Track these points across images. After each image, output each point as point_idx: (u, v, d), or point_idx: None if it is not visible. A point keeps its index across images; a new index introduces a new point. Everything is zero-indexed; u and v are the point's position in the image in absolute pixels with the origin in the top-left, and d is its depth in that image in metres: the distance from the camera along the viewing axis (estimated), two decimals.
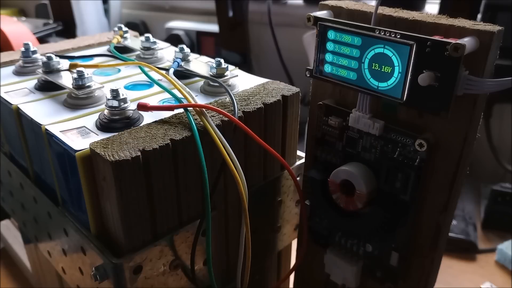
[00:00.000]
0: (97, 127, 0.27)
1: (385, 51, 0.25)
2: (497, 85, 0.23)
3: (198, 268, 0.29)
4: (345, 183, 0.29)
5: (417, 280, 0.30)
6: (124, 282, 0.26)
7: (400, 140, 0.27)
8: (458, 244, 0.56)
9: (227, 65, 0.33)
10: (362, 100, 0.28)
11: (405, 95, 0.25)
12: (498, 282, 0.51)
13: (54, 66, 0.33)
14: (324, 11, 0.28)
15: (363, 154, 0.30)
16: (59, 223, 0.30)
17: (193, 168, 0.27)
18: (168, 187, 0.26)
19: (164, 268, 0.27)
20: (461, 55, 0.22)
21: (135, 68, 0.37)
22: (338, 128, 0.30)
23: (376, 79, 0.26)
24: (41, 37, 0.83)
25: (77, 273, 0.30)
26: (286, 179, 0.34)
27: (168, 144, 0.25)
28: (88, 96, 0.30)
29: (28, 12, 1.11)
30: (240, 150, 0.29)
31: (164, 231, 0.27)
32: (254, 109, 0.29)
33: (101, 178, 0.25)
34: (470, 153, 0.26)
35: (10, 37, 0.65)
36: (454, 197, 0.27)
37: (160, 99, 0.31)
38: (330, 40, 0.27)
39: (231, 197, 0.30)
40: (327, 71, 0.28)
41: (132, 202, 0.25)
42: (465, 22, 0.24)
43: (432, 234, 0.29)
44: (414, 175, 0.27)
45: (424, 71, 0.24)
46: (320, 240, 0.34)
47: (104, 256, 0.25)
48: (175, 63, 0.33)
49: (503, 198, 0.59)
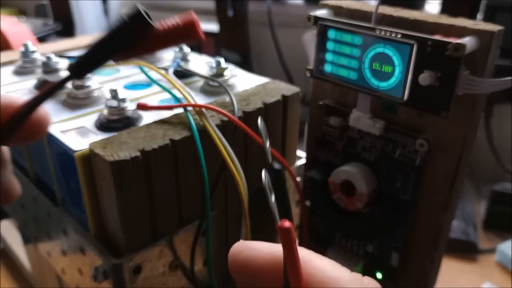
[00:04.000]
0: (96, 127, 0.27)
1: (386, 50, 0.25)
2: (497, 85, 0.23)
3: (198, 269, 0.29)
4: (345, 183, 0.29)
5: (417, 280, 0.30)
6: (124, 282, 0.25)
7: (400, 140, 0.27)
8: (458, 244, 0.56)
9: (227, 65, 0.33)
10: (363, 100, 0.28)
11: (405, 95, 0.25)
12: (498, 282, 0.51)
13: (53, 66, 0.33)
14: (324, 11, 0.28)
15: (363, 154, 0.30)
16: (58, 223, 0.30)
17: (193, 168, 0.27)
18: (168, 187, 0.26)
19: (164, 268, 0.27)
20: (462, 55, 0.22)
21: (134, 68, 0.37)
22: (338, 128, 0.30)
23: (376, 78, 0.26)
24: (41, 37, 0.83)
25: (77, 273, 0.30)
26: (286, 179, 0.34)
27: (168, 144, 0.25)
28: (88, 96, 0.30)
29: (28, 12, 1.11)
30: (240, 150, 0.29)
31: (164, 231, 0.27)
32: (254, 109, 0.29)
33: (100, 178, 0.25)
34: (470, 153, 0.26)
35: (10, 37, 0.65)
36: (454, 197, 0.27)
37: (160, 99, 0.31)
38: (331, 39, 0.27)
39: (231, 197, 0.30)
40: (327, 70, 0.28)
41: (132, 202, 0.25)
42: (465, 22, 0.24)
43: (432, 234, 0.29)
44: (414, 175, 0.27)
45: (424, 71, 0.24)
46: (320, 240, 0.34)
47: (104, 257, 0.25)
48: (174, 63, 0.33)
49: (503, 198, 0.59)
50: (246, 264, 0.16)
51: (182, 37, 0.19)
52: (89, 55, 0.18)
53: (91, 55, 0.18)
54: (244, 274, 0.16)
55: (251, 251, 0.16)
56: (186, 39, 0.19)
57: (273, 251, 0.16)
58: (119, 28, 0.17)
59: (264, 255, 0.16)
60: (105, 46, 0.17)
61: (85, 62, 0.18)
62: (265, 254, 0.16)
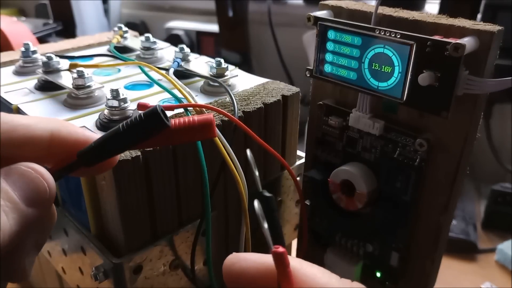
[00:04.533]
0: (97, 127, 0.27)
1: (385, 51, 0.25)
2: (497, 85, 0.23)
3: (198, 268, 0.29)
4: (345, 183, 0.29)
5: (417, 280, 0.30)
6: (124, 282, 0.25)
7: (400, 140, 0.27)
8: (458, 244, 0.56)
9: (227, 65, 0.33)
10: (362, 100, 0.28)
11: (405, 95, 0.25)
12: (498, 282, 0.51)
13: (54, 66, 0.33)
14: (324, 11, 0.28)
15: (363, 154, 0.30)
16: (59, 223, 0.30)
17: (193, 168, 0.27)
18: (168, 187, 0.26)
19: (164, 268, 0.27)
20: (461, 55, 0.22)
21: (135, 68, 0.37)
22: (338, 128, 0.30)
23: (376, 79, 0.26)
24: (41, 37, 0.83)
25: (77, 273, 0.30)
26: (286, 179, 0.34)
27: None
28: (88, 96, 0.30)
29: (28, 12, 1.11)
30: (240, 150, 0.29)
31: (164, 231, 0.27)
32: (254, 109, 0.29)
33: (100, 178, 0.25)
34: (470, 153, 0.26)
35: (10, 37, 0.65)
36: (454, 197, 0.27)
37: (160, 99, 0.31)
38: (330, 40, 0.27)
39: (231, 197, 0.30)
40: (327, 71, 0.28)
41: (132, 202, 0.25)
42: (465, 22, 0.24)
43: (432, 234, 0.29)
44: (414, 175, 0.27)
45: (424, 71, 0.24)
46: (320, 240, 0.34)
47: (104, 256, 0.25)
48: (175, 63, 0.33)
49: (503, 198, 0.59)
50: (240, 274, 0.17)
51: (196, 135, 0.19)
52: (101, 145, 0.18)
53: (103, 146, 0.18)
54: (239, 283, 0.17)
55: (243, 262, 0.17)
56: (200, 137, 0.19)
57: (265, 260, 0.16)
58: (135, 125, 0.17)
59: (257, 265, 0.16)
60: (118, 140, 0.18)
61: (96, 152, 0.18)
62: (257, 264, 0.16)
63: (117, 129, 0.17)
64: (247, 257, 0.17)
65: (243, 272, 0.17)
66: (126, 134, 0.17)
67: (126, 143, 0.18)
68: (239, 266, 0.17)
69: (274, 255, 0.15)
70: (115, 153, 0.18)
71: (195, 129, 0.18)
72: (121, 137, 0.18)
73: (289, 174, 0.33)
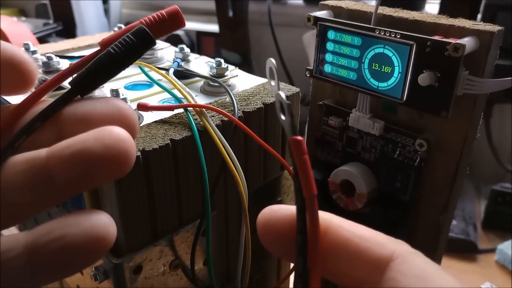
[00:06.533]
0: None
1: (385, 51, 0.25)
2: (497, 85, 0.23)
3: (198, 268, 0.29)
4: (345, 183, 0.29)
5: None
6: (124, 282, 0.26)
7: (400, 140, 0.27)
8: (458, 244, 0.56)
9: (227, 65, 0.33)
10: (362, 100, 0.28)
11: (405, 95, 0.25)
12: (498, 282, 0.51)
13: (54, 66, 0.33)
14: (324, 11, 0.28)
15: (363, 154, 0.30)
16: None
17: (193, 168, 0.27)
18: (168, 187, 0.26)
19: (164, 268, 0.27)
20: (461, 55, 0.22)
21: (135, 68, 0.37)
22: (338, 128, 0.30)
23: (376, 79, 0.26)
24: (41, 37, 0.83)
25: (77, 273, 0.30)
26: (286, 179, 0.34)
27: (168, 144, 0.25)
28: (88, 96, 0.30)
29: (28, 12, 1.11)
30: (240, 150, 0.29)
31: (164, 231, 0.27)
32: (254, 109, 0.29)
33: None
34: (470, 153, 0.26)
35: (10, 37, 0.65)
36: (454, 197, 0.27)
37: (160, 99, 0.31)
38: (330, 40, 0.27)
39: (231, 197, 0.30)
40: (327, 71, 0.28)
41: (132, 202, 0.25)
42: (465, 22, 0.24)
43: (432, 234, 0.29)
44: (414, 175, 0.27)
45: (424, 71, 0.24)
46: None
47: (104, 256, 0.25)
48: (175, 63, 0.33)
49: (503, 198, 0.59)
50: (282, 224, 0.17)
51: (169, 28, 0.19)
52: (93, 71, 0.17)
53: (97, 71, 0.18)
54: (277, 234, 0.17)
55: (284, 209, 0.17)
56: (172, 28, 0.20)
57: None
58: (125, 46, 0.17)
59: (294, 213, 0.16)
60: (110, 63, 0.18)
61: (90, 77, 0.18)
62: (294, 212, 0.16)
63: (107, 52, 0.17)
64: (283, 207, 0.17)
65: (285, 222, 0.17)
66: (118, 55, 0.17)
67: (119, 65, 0.18)
68: (280, 213, 0.17)
69: (293, 141, 0.15)
70: (108, 77, 0.18)
71: (165, 21, 0.19)
72: (113, 59, 0.17)
73: (289, 174, 0.33)
